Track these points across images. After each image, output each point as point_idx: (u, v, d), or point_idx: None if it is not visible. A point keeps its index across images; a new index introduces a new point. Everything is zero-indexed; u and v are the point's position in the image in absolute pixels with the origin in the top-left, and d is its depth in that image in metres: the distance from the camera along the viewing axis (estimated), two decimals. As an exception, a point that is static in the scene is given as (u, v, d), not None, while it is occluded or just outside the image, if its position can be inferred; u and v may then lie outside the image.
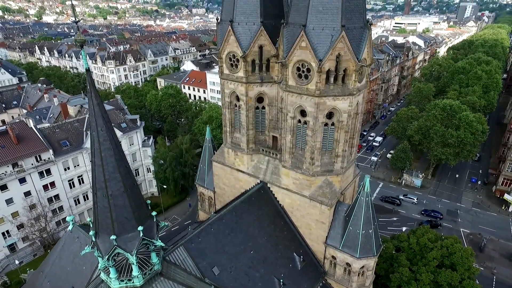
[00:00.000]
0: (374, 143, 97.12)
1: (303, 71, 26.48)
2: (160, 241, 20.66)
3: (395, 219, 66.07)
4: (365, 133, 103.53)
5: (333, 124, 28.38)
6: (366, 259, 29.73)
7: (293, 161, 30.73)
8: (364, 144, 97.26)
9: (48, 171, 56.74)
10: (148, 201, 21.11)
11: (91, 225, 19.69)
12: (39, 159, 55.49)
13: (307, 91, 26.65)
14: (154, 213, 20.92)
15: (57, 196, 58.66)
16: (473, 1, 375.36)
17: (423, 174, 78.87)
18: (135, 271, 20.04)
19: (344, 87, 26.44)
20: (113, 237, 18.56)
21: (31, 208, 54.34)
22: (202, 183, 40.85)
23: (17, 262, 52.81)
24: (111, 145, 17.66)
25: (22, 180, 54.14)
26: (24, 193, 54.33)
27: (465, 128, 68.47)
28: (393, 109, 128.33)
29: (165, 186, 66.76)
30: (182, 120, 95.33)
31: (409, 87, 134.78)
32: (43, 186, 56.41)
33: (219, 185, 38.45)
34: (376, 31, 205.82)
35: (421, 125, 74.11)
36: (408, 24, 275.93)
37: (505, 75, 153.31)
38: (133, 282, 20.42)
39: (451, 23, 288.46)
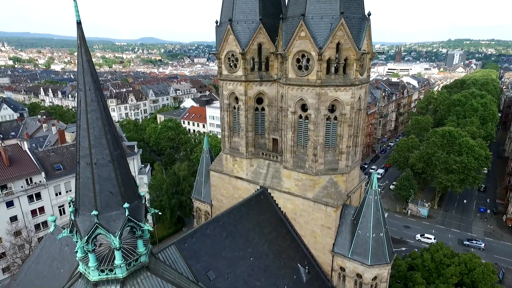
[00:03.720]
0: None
1: (303, 63, 26.07)
2: (148, 225, 18.36)
3: (403, 249, 62.00)
4: (366, 166, 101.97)
5: (335, 118, 27.31)
6: (378, 267, 26.73)
7: (294, 160, 29.09)
8: (366, 177, 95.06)
9: (38, 195, 54.24)
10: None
11: (71, 204, 17.57)
12: (29, 182, 53.32)
13: (308, 82, 26.00)
14: (142, 194, 18.90)
15: (45, 223, 55.37)
16: (460, 50, 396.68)
17: (429, 204, 75.98)
18: (118, 259, 17.45)
19: (346, 77, 25.84)
20: (94, 212, 16.40)
21: (16, 235, 50.89)
22: (198, 197, 38.56)
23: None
24: (98, 107, 16.33)
25: (10, 204, 51.46)
26: (10, 217, 51.31)
27: (467, 153, 67.40)
28: (392, 144, 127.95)
29: (160, 213, 63.36)
30: (181, 153, 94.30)
31: (406, 124, 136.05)
32: (32, 211, 53.53)
33: (217, 197, 36.20)
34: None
35: (423, 153, 73.13)
36: (400, 69, 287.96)
37: (499, 114, 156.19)
38: (115, 273, 17.68)
39: (441, 69, 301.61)
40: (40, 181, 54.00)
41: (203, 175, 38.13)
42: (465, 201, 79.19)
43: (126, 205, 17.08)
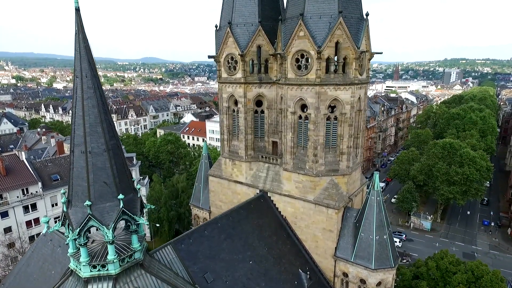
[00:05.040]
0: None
1: (302, 62, 26.10)
2: (143, 219, 17.72)
3: (406, 261, 60.34)
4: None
5: (335, 118, 27.06)
6: (383, 271, 25.72)
7: (294, 162, 28.61)
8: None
9: (34, 206, 53.27)
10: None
11: (64, 196, 16.98)
12: (25, 192, 52.50)
13: (307, 81, 25.92)
14: (138, 187, 18.36)
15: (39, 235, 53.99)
16: (457, 69, 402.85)
17: (431, 216, 74.66)
18: (111, 254, 16.73)
19: (345, 76, 25.79)
20: (87, 202, 15.84)
21: (9, 246, 49.54)
22: (197, 203, 37.73)
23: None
24: (95, 94, 16.07)
25: (4, 214, 50.44)
26: (4, 228, 50.17)
27: (469, 164, 66.82)
28: (392, 158, 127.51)
29: (158, 225, 62.14)
30: (180, 167, 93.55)
31: (406, 138, 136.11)
32: (27, 222, 52.40)
33: (215, 203, 35.42)
34: (368, 93, 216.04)
35: (424, 165, 72.54)
36: (399, 87, 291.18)
37: (498, 129, 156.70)
38: (107, 269, 16.91)
39: (439, 86, 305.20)
40: (37, 191, 53.19)
41: (202, 181, 37.46)
42: (468, 212, 78.00)
43: (121, 196, 16.58)
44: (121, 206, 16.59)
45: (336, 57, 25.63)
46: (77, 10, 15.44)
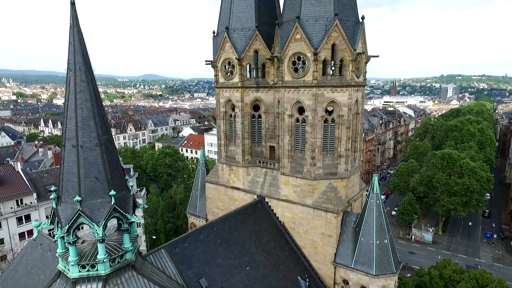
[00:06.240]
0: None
1: (299, 64, 26.14)
2: (136, 217, 17.16)
3: (409, 275, 58.79)
4: (366, 193, 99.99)
5: (333, 121, 26.88)
6: (384, 277, 24.87)
7: (292, 165, 28.20)
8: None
9: (28, 218, 52.24)
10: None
11: (54, 193, 16.46)
12: (20, 203, 51.62)
13: (304, 83, 25.89)
14: (131, 184, 17.88)
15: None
16: (454, 84, 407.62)
17: (433, 228, 73.48)
18: (101, 253, 16.09)
19: (342, 78, 25.79)
20: (77, 198, 15.34)
21: (1, 259, 48.21)
22: (193, 211, 37.01)
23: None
24: (88, 88, 15.85)
25: (-3, 226, 49.40)
26: (-4, 240, 49.05)
27: (468, 175, 66.30)
28: (391, 171, 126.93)
29: (154, 237, 60.82)
30: (178, 180, 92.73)
31: (405, 150, 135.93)
32: (20, 233, 51.26)
33: (212, 210, 34.71)
34: (366, 108, 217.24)
35: (423, 176, 71.97)
36: (396, 102, 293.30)
37: (496, 143, 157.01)
38: (96, 270, 16.23)
39: (436, 101, 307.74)
40: (31, 202, 52.35)
41: (199, 189, 36.88)
42: (470, 223, 76.90)
43: (112, 192, 16.10)
44: (112, 203, 16.08)
45: (332, 59, 25.68)
46: (73, 4, 15.45)
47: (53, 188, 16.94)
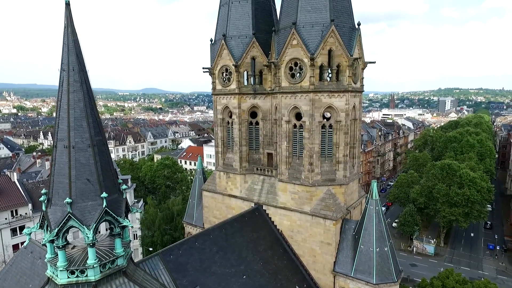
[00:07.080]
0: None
1: (296, 70, 26.15)
2: (128, 221, 16.69)
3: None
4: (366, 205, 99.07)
5: (330, 126, 26.68)
6: (385, 286, 24.13)
7: (290, 172, 27.82)
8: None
9: (23, 229, 51.14)
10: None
11: (45, 195, 16.03)
12: (15, 214, 50.83)
13: (301, 89, 25.83)
14: (124, 187, 17.47)
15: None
16: (452, 97, 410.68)
17: (434, 240, 72.36)
18: (91, 258, 15.54)
19: (339, 83, 25.74)
20: (67, 200, 14.93)
21: (-7, 272, 47.08)
22: (190, 221, 36.39)
23: None
24: (81, 88, 15.67)
25: (-10, 237, 48.47)
26: (-11, 252, 48.01)
27: (469, 185, 65.76)
28: (391, 183, 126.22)
29: (151, 249, 59.65)
30: (176, 191, 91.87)
31: (405, 162, 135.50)
32: (14, 245, 50.23)
33: (209, 219, 34.09)
34: (365, 120, 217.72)
35: (423, 187, 71.40)
36: (395, 115, 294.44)
37: (496, 155, 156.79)
38: (86, 275, 15.65)
39: (435, 114, 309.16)
40: (26, 213, 51.52)
41: (196, 198, 36.37)
42: (472, 234, 75.84)
43: (104, 194, 15.69)
44: (104, 206, 15.66)
45: (329, 65, 25.71)
46: (67, 4, 15.45)
47: (43, 190, 16.54)
